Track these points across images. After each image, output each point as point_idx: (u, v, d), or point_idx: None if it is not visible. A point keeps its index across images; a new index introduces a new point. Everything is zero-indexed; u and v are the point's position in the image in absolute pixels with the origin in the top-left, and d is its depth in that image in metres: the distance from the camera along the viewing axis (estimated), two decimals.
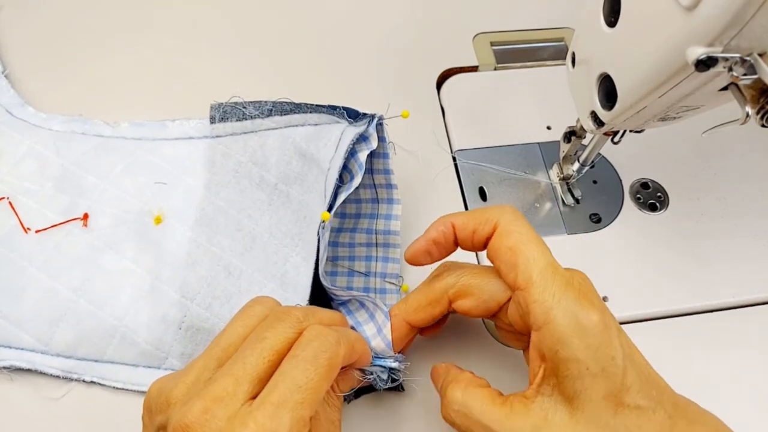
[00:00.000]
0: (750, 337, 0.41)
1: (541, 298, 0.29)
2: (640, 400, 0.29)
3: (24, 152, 0.42)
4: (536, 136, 0.48)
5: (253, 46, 0.51)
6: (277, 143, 0.40)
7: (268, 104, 0.41)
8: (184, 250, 0.38)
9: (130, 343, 0.37)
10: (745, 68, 0.26)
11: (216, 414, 0.25)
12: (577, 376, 0.28)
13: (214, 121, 0.42)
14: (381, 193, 0.41)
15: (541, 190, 0.46)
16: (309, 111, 0.41)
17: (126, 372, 0.37)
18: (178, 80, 0.49)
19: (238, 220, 0.39)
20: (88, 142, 0.43)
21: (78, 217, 0.39)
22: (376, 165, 0.40)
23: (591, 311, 0.29)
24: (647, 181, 0.47)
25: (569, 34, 0.54)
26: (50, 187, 0.41)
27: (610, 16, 0.31)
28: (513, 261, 0.30)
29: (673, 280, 0.43)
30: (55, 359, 0.36)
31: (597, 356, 0.28)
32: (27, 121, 0.44)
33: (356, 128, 0.38)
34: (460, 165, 0.46)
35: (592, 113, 0.35)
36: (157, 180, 0.41)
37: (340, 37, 0.53)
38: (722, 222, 0.45)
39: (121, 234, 0.39)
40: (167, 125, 0.44)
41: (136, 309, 0.37)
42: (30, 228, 0.39)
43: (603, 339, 0.28)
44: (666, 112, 0.33)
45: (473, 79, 0.51)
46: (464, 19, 0.55)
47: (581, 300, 0.29)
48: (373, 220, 0.41)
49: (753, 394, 0.39)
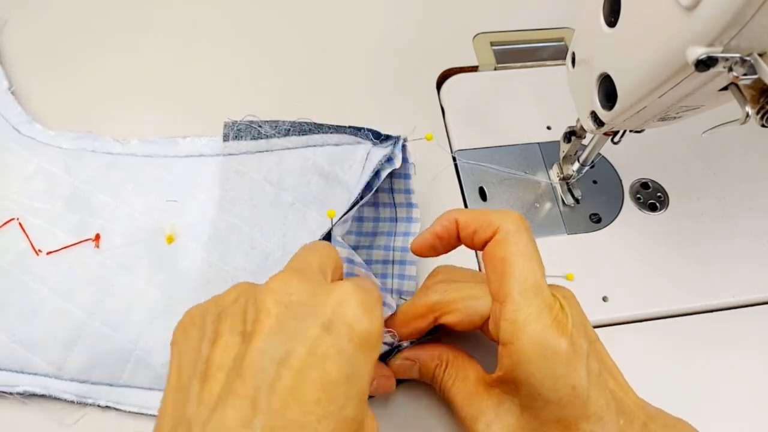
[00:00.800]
0: (750, 337, 0.41)
1: (512, 317, 0.28)
2: (598, 430, 0.28)
3: (33, 171, 0.41)
4: (536, 136, 0.48)
5: (253, 46, 0.51)
6: (296, 164, 0.40)
7: (286, 124, 0.41)
8: (198, 269, 0.38)
9: (145, 366, 0.36)
10: (745, 68, 0.26)
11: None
12: (530, 396, 0.29)
13: (227, 139, 0.42)
14: (401, 212, 0.40)
15: (541, 190, 0.46)
16: (330, 131, 0.40)
17: (141, 396, 0.36)
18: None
19: (251, 236, 0.39)
20: (98, 159, 0.42)
21: (90, 237, 0.39)
22: (397, 185, 0.40)
23: (559, 340, 0.28)
24: (647, 181, 0.47)
25: (569, 34, 0.54)
26: (60, 206, 0.40)
27: (610, 16, 0.31)
28: (501, 272, 0.29)
29: (673, 280, 0.43)
30: (69, 384, 0.35)
31: (555, 386, 0.28)
32: (35, 139, 0.43)
33: (383, 149, 0.38)
34: (460, 165, 0.46)
35: (592, 113, 0.35)
36: (169, 198, 0.40)
37: (340, 37, 0.53)
38: (722, 222, 0.45)
39: (134, 253, 0.39)
40: (178, 142, 0.43)
41: (150, 330, 0.36)
42: (41, 250, 0.38)
43: (566, 369, 0.28)
44: (666, 112, 0.33)
45: (473, 79, 0.51)
46: (464, 19, 0.55)
47: (554, 327, 0.28)
48: (391, 237, 0.40)
49: (753, 394, 0.39)
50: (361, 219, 0.41)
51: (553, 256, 0.43)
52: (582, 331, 0.29)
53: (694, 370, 0.40)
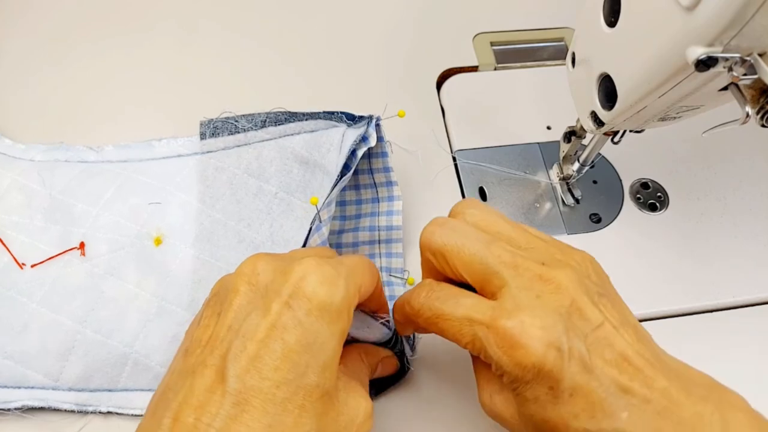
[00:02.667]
0: (750, 337, 0.41)
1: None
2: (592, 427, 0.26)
3: (7, 186, 0.40)
4: (536, 136, 0.48)
5: (251, 46, 0.51)
6: (275, 153, 0.40)
7: (261, 116, 0.41)
8: (189, 268, 0.38)
9: (143, 368, 0.36)
10: (745, 68, 0.26)
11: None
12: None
13: (204, 137, 0.41)
14: (381, 191, 0.41)
15: (541, 190, 0.46)
16: (305, 119, 0.41)
17: (142, 398, 0.36)
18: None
19: (237, 230, 0.39)
20: (73, 169, 0.42)
21: (74, 246, 0.38)
22: (375, 164, 0.40)
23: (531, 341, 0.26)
24: (647, 181, 0.47)
25: (569, 34, 0.54)
26: (40, 219, 0.39)
27: (610, 16, 0.31)
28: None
29: (673, 280, 0.43)
30: (67, 394, 0.35)
31: (518, 375, 0.27)
32: (6, 154, 0.42)
33: (357, 130, 0.38)
34: (460, 165, 0.46)
35: (592, 113, 0.35)
36: (151, 200, 0.40)
37: (340, 37, 0.53)
38: (722, 222, 0.45)
39: (120, 259, 0.38)
40: (153, 145, 0.43)
41: (145, 333, 0.36)
42: (25, 263, 0.38)
43: (533, 367, 0.27)
44: (666, 112, 0.33)
45: (473, 79, 0.51)
46: (464, 19, 0.55)
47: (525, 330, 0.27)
48: (375, 217, 0.41)
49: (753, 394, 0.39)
50: (344, 203, 0.42)
51: None
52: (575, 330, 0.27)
53: None
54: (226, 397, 0.24)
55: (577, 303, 0.28)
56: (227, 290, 0.27)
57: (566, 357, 0.26)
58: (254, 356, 0.24)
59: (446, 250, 0.30)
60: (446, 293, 0.30)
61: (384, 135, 0.39)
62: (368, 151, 0.39)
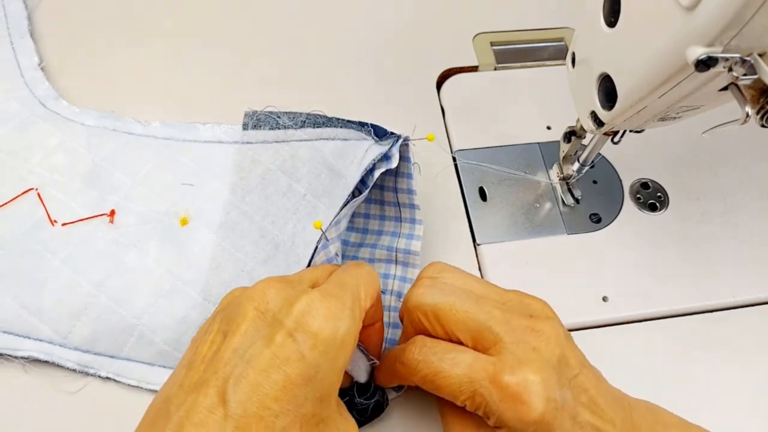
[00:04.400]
0: (750, 337, 0.41)
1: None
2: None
3: (55, 145, 0.42)
4: (536, 136, 0.48)
5: (255, 47, 0.51)
6: (308, 155, 0.41)
7: (302, 116, 0.42)
8: (208, 253, 0.39)
9: (147, 342, 0.37)
10: (745, 68, 0.26)
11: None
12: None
13: (246, 127, 0.42)
14: (404, 212, 0.40)
15: (541, 190, 0.46)
16: (340, 126, 0.41)
17: (141, 370, 0.37)
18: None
19: (261, 226, 0.40)
20: (119, 138, 0.43)
21: (105, 213, 0.40)
22: (400, 185, 0.40)
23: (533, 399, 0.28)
24: (647, 181, 0.47)
25: (569, 34, 0.54)
26: (79, 182, 0.41)
27: (610, 16, 0.31)
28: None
29: (674, 280, 0.43)
30: (72, 352, 0.36)
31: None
32: (60, 114, 0.44)
33: (380, 147, 0.38)
34: (460, 165, 0.46)
35: (592, 113, 0.35)
36: (185, 181, 0.41)
37: (340, 37, 0.53)
38: (722, 222, 0.45)
39: (146, 232, 0.39)
40: (198, 128, 0.44)
41: (156, 308, 0.37)
42: (57, 221, 0.39)
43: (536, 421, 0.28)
44: (666, 112, 0.33)
45: (473, 79, 0.52)
46: (464, 19, 0.55)
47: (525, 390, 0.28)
48: (395, 238, 0.40)
49: (753, 394, 0.39)
50: (368, 216, 0.41)
51: (553, 256, 0.43)
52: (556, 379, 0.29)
53: (694, 370, 0.40)
54: (228, 421, 0.24)
55: (564, 352, 0.30)
56: (236, 312, 0.28)
57: (560, 408, 0.28)
58: (256, 384, 0.25)
59: (438, 308, 0.31)
60: (441, 348, 0.31)
61: (412, 156, 0.38)
62: (396, 170, 0.38)
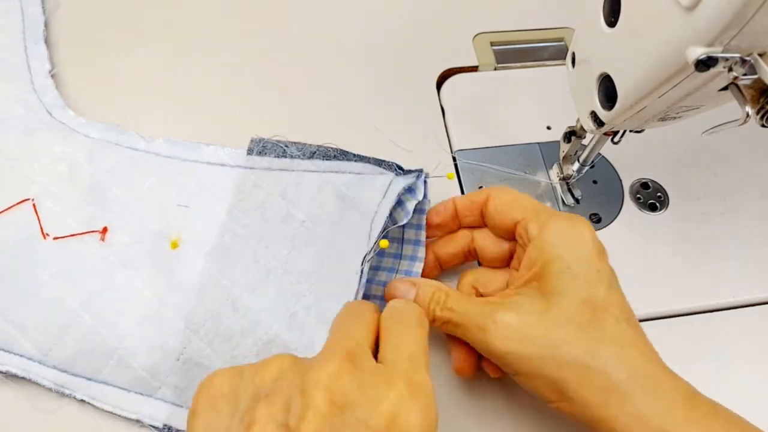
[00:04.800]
0: (750, 337, 0.41)
1: (537, 218, 0.33)
2: (622, 320, 0.30)
3: (58, 155, 0.42)
4: (536, 136, 0.48)
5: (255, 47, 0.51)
6: (314, 186, 0.40)
7: (312, 147, 0.41)
8: (194, 279, 0.38)
9: (125, 366, 0.36)
10: (745, 68, 0.26)
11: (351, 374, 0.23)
12: (558, 274, 0.30)
13: (251, 153, 0.42)
14: (406, 249, 0.40)
15: (541, 190, 0.46)
16: (354, 160, 0.40)
17: (117, 395, 0.36)
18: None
19: (255, 250, 0.39)
20: (121, 153, 0.43)
21: (97, 230, 0.39)
22: (411, 219, 0.39)
23: (585, 231, 0.32)
24: (647, 181, 0.47)
25: (569, 34, 0.54)
26: (76, 195, 0.40)
27: (610, 16, 0.31)
28: (510, 206, 0.34)
29: (673, 280, 0.43)
30: (50, 371, 0.36)
31: (581, 262, 0.30)
32: (66, 125, 0.43)
33: (405, 179, 0.38)
34: (460, 165, 0.46)
35: (592, 113, 0.35)
36: (181, 202, 0.40)
37: (340, 37, 0.53)
38: (722, 222, 0.45)
39: (135, 252, 0.39)
40: (201, 148, 0.43)
41: (139, 332, 0.36)
42: (49, 234, 0.39)
43: (591, 254, 0.31)
44: (666, 112, 0.33)
45: (473, 79, 0.51)
46: (464, 19, 0.55)
47: (578, 224, 0.32)
48: (392, 274, 0.39)
49: (753, 394, 0.39)
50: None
51: None
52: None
53: (694, 370, 0.39)
54: None
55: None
56: (303, 402, 0.22)
57: (607, 263, 0.33)
58: None
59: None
60: None
61: (428, 192, 0.38)
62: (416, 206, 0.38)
